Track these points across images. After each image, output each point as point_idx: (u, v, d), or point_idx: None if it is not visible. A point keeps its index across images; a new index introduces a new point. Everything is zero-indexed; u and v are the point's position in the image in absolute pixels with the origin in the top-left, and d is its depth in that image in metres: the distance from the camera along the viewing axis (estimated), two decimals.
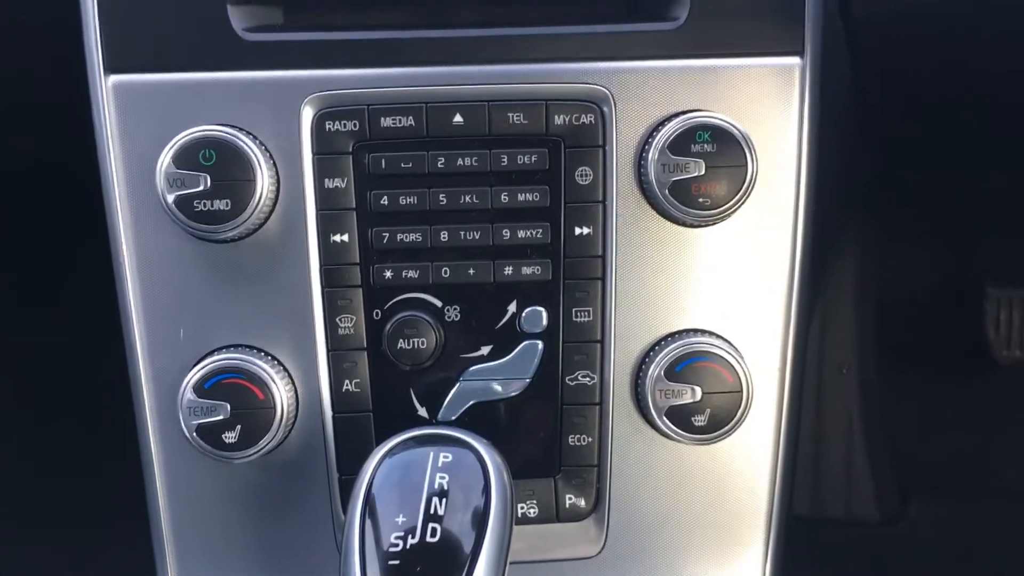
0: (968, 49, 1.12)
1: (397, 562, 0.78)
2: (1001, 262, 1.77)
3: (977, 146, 1.27)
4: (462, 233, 0.97)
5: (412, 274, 0.98)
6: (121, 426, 1.03)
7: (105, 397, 1.11)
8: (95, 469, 1.45)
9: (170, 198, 0.92)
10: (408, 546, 0.78)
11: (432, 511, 0.80)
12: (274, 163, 0.95)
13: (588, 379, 1.00)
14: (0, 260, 1.33)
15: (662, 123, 0.95)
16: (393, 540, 0.79)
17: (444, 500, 0.81)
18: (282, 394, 0.96)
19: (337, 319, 0.98)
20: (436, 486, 0.81)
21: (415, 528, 0.79)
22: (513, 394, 1.00)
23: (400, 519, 0.80)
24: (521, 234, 0.97)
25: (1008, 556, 1.66)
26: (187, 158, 0.92)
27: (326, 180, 0.96)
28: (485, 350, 0.99)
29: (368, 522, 0.81)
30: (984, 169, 1.33)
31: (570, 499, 1.02)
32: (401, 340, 0.98)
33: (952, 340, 1.86)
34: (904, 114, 1.23)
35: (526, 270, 0.98)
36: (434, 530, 0.79)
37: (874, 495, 1.79)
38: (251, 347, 0.98)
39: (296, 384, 0.98)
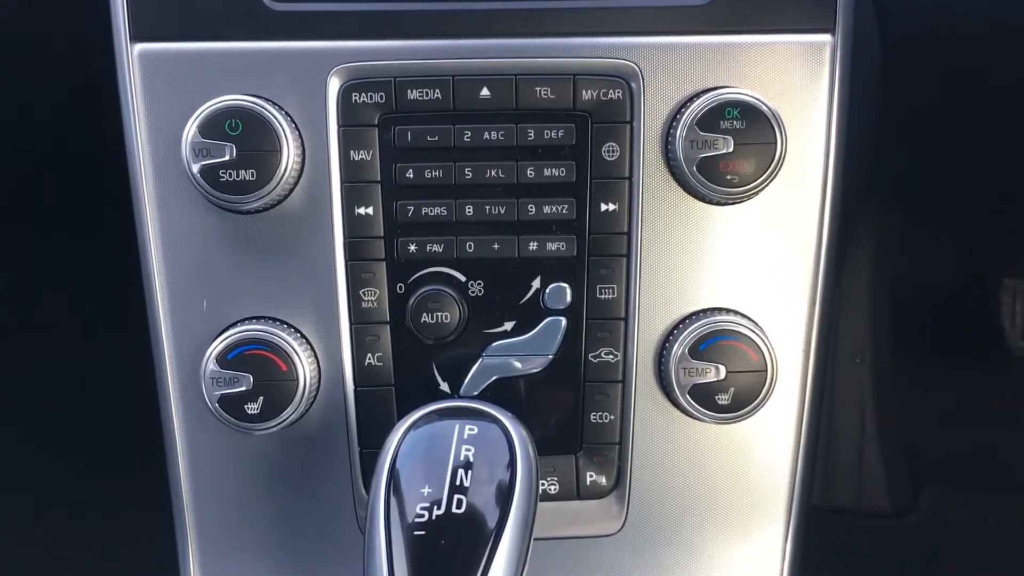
0: (1003, 30, 1.11)
1: (423, 533, 0.78)
2: (1019, 252, 1.76)
3: (1009, 131, 1.26)
4: (487, 207, 0.97)
5: (436, 248, 0.97)
6: (144, 397, 1.03)
7: (128, 367, 1.11)
8: (117, 440, 1.45)
9: (195, 168, 0.92)
10: (434, 517, 0.78)
11: (458, 483, 0.80)
12: (300, 134, 0.95)
13: (611, 356, 0.99)
14: (24, 230, 1.32)
15: (691, 99, 0.94)
16: (419, 511, 0.79)
17: (469, 472, 0.80)
18: (305, 366, 0.95)
19: (360, 292, 0.98)
20: (462, 458, 0.81)
21: (441, 500, 0.79)
22: (535, 370, 1.00)
23: (426, 490, 0.79)
24: (547, 209, 0.97)
25: (1019, 549, 1.66)
26: (213, 128, 0.92)
27: (352, 152, 0.96)
28: (508, 326, 0.99)
29: (393, 493, 0.81)
30: (1013, 157, 1.31)
31: (591, 476, 1.02)
32: (424, 314, 0.97)
33: (968, 330, 1.85)
34: (935, 95, 1.22)
35: (551, 246, 0.98)
36: (460, 501, 0.79)
37: (886, 485, 1.78)
38: (274, 319, 0.98)
39: (319, 357, 0.98)
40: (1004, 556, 1.66)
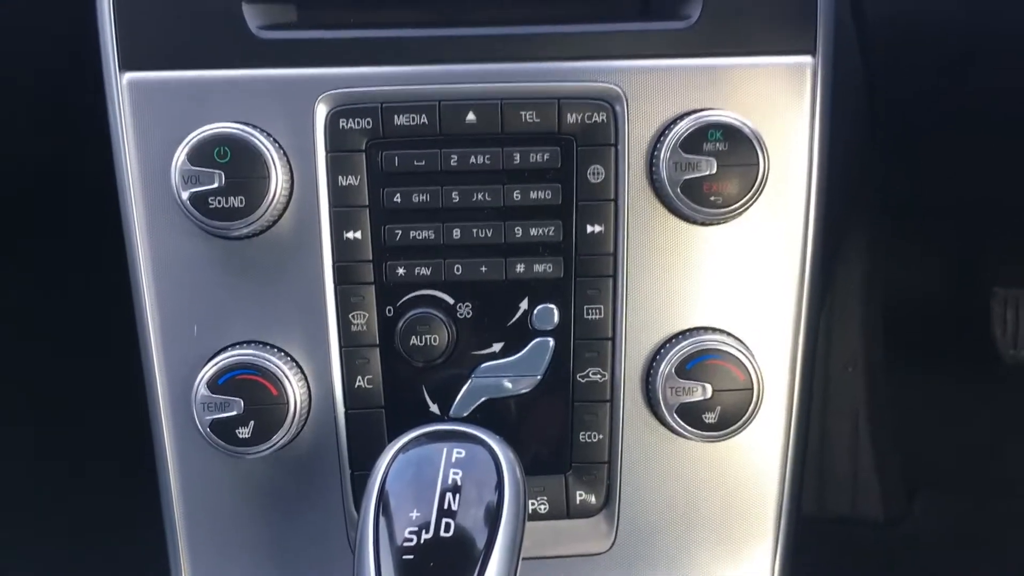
0: (980, 48, 1.12)
1: (411, 557, 0.78)
2: (1010, 261, 1.77)
3: (988, 145, 1.28)
4: (474, 230, 0.98)
5: (424, 271, 0.98)
6: (135, 422, 1.04)
7: (119, 393, 1.11)
8: (109, 465, 1.45)
9: (185, 195, 0.93)
10: (422, 541, 0.79)
11: (446, 506, 0.80)
12: (288, 161, 0.96)
13: (599, 376, 1.00)
14: (15, 257, 1.33)
15: (674, 121, 0.95)
16: (407, 535, 0.79)
17: (457, 496, 0.81)
18: (295, 390, 0.96)
19: (350, 316, 0.99)
20: (450, 482, 0.82)
21: (429, 523, 0.80)
22: (524, 391, 1.00)
23: (414, 514, 0.80)
24: (533, 232, 0.98)
25: (1014, 555, 1.66)
26: (202, 155, 0.93)
27: (340, 178, 0.97)
28: (497, 347, 1.00)
29: (382, 517, 0.81)
30: (995, 169, 1.33)
31: (580, 496, 1.02)
32: (413, 337, 0.98)
33: (959, 339, 1.86)
34: (915, 113, 1.23)
35: (538, 267, 0.98)
36: (448, 525, 0.80)
37: (880, 494, 1.79)
38: (264, 343, 0.98)
39: (309, 380, 0.99)
40: (998, 562, 1.67)
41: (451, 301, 0.99)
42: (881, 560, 1.71)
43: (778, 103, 0.98)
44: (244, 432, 0.95)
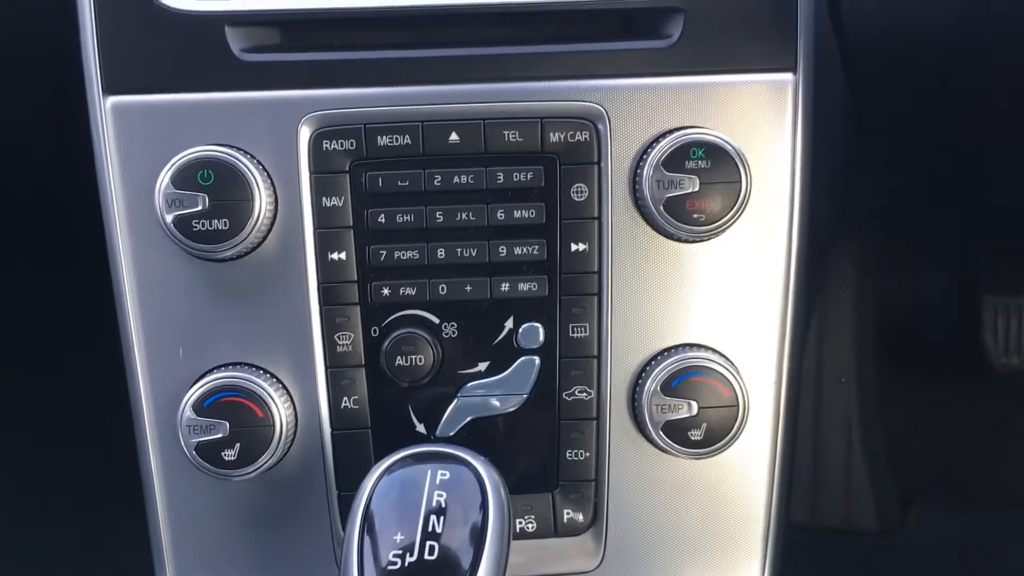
0: (960, 64, 1.12)
1: None
2: (998, 270, 1.78)
3: (970, 158, 1.28)
4: (459, 250, 0.98)
5: (409, 291, 0.98)
6: (121, 444, 1.04)
7: (105, 415, 1.11)
8: (95, 486, 1.45)
9: (169, 218, 0.93)
10: (406, 564, 0.79)
11: (430, 529, 0.80)
12: (272, 182, 0.96)
13: (585, 394, 1.00)
14: (1, 280, 1.33)
15: (656, 140, 0.96)
16: (391, 558, 0.79)
17: (442, 518, 0.81)
18: (281, 412, 0.96)
19: (335, 336, 0.99)
20: (434, 503, 0.82)
21: (413, 546, 0.79)
22: (511, 410, 1.00)
23: (398, 537, 0.80)
24: (517, 251, 0.98)
25: (1008, 564, 1.66)
26: (185, 178, 0.93)
27: (324, 199, 0.97)
28: (483, 366, 1.00)
29: (367, 539, 0.81)
30: (978, 180, 1.33)
31: (568, 514, 1.02)
32: (399, 357, 0.98)
33: (950, 348, 1.87)
34: (897, 128, 1.24)
35: (523, 286, 0.99)
36: (432, 548, 0.79)
37: (874, 504, 1.79)
38: (250, 365, 0.98)
39: (295, 401, 0.99)
40: (993, 572, 1.67)
41: (436, 321, 0.99)
42: (874, 572, 1.71)
43: (760, 120, 0.98)
44: (230, 454, 0.95)
